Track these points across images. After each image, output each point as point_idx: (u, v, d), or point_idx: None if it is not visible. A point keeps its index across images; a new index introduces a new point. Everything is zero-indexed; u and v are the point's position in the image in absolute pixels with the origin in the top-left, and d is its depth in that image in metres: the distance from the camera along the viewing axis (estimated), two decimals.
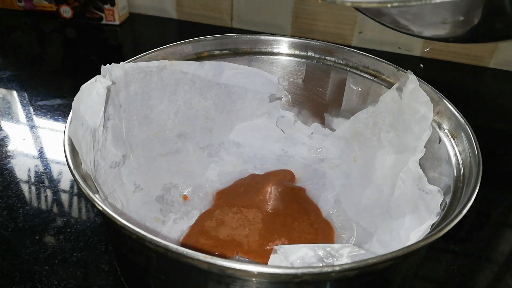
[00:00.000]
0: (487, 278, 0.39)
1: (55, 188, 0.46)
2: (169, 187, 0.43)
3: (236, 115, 0.48)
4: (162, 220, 0.41)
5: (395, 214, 0.38)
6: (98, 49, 0.76)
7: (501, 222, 0.45)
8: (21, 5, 0.82)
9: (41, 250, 0.39)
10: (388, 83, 0.43)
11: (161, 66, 0.41)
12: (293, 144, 0.49)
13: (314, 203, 0.43)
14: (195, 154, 0.46)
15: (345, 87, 0.46)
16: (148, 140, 0.43)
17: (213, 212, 0.42)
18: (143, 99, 0.41)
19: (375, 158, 0.42)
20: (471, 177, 0.32)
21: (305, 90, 0.48)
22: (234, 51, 0.46)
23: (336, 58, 0.46)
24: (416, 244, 0.25)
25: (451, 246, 0.42)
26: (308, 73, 0.47)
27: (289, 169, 0.47)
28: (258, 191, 0.43)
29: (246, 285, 0.25)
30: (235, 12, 0.80)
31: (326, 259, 0.27)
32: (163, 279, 0.30)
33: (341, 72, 0.46)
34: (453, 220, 0.27)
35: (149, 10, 0.85)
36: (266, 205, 0.42)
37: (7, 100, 0.60)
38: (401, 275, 0.32)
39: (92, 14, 0.79)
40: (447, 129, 0.37)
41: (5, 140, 0.53)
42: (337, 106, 0.47)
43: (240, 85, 0.46)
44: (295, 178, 0.46)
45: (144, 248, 0.27)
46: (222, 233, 0.39)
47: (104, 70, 0.37)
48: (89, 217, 0.43)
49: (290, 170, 0.47)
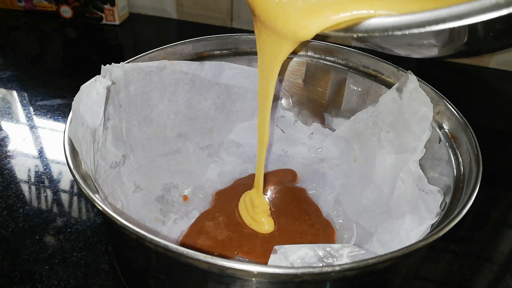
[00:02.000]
0: (487, 278, 0.39)
1: (55, 188, 0.46)
2: (169, 187, 0.43)
3: (236, 115, 0.48)
4: (162, 220, 0.41)
5: (395, 214, 0.38)
6: (98, 49, 0.76)
7: (501, 222, 0.45)
8: (21, 5, 0.82)
9: (41, 250, 0.39)
10: (388, 83, 0.43)
11: (161, 66, 0.41)
12: (293, 144, 0.49)
13: (314, 203, 0.43)
14: (195, 154, 0.46)
15: (345, 87, 0.46)
16: (148, 140, 0.43)
17: (213, 212, 0.42)
18: (143, 99, 0.41)
19: (375, 158, 0.42)
20: (471, 177, 0.32)
21: (305, 90, 0.48)
22: (234, 51, 0.46)
23: (336, 58, 0.46)
24: (416, 244, 0.25)
25: (451, 246, 0.42)
26: (308, 73, 0.47)
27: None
28: None
29: (246, 285, 0.25)
30: (235, 12, 0.80)
31: (326, 259, 0.27)
32: (163, 279, 0.30)
33: (341, 72, 0.46)
34: (453, 220, 0.27)
35: (149, 10, 0.85)
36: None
37: (7, 100, 0.60)
38: (401, 275, 0.32)
39: (92, 14, 0.79)
40: (447, 129, 0.37)
41: (5, 140, 0.53)
42: (337, 106, 0.47)
43: (240, 85, 0.46)
44: (297, 177, 0.46)
45: (144, 248, 0.27)
46: (221, 233, 0.39)
47: (104, 70, 0.37)
48: (89, 217, 0.43)
49: (292, 169, 0.47)
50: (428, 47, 0.23)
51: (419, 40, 0.22)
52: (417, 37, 0.22)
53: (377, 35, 0.21)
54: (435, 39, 0.22)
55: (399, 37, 0.20)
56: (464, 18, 0.18)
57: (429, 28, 0.19)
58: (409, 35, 0.20)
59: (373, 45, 0.26)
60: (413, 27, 0.20)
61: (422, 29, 0.19)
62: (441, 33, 0.20)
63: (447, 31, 0.20)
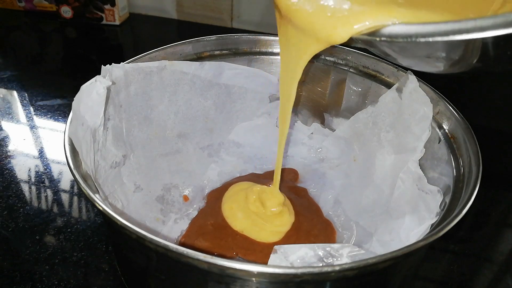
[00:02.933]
0: (487, 278, 0.39)
1: (55, 188, 0.46)
2: (170, 187, 0.44)
3: (236, 115, 0.48)
4: (163, 220, 0.41)
5: (395, 214, 0.38)
6: (98, 49, 0.76)
7: (501, 222, 0.45)
8: (21, 5, 0.82)
9: (41, 250, 0.39)
10: (388, 83, 0.43)
11: (161, 66, 0.41)
12: (293, 144, 0.49)
13: (315, 203, 0.43)
14: (195, 154, 0.46)
15: (345, 87, 0.46)
16: (149, 140, 0.43)
17: (210, 212, 0.41)
18: (144, 99, 0.41)
19: (375, 158, 0.42)
20: (471, 177, 0.32)
21: (305, 90, 0.48)
22: (234, 51, 0.46)
23: (336, 58, 0.46)
24: (416, 244, 0.25)
25: (451, 246, 0.42)
26: (308, 73, 0.47)
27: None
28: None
29: (246, 285, 0.25)
30: (235, 12, 0.80)
31: (326, 259, 0.27)
32: (163, 279, 0.30)
33: (341, 72, 0.46)
34: (453, 220, 0.27)
35: (149, 10, 0.85)
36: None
37: (7, 100, 0.60)
38: (401, 275, 0.32)
39: (92, 14, 0.79)
40: (447, 129, 0.37)
41: (6, 140, 0.53)
42: (337, 106, 0.47)
43: (240, 85, 0.46)
44: (299, 176, 0.46)
45: (144, 248, 0.27)
46: (221, 233, 0.39)
47: (104, 70, 0.37)
48: (89, 217, 0.43)
49: (294, 169, 0.47)
50: (442, 60, 0.24)
51: (436, 51, 0.23)
52: (436, 48, 0.22)
53: (400, 40, 0.22)
54: (452, 52, 0.23)
55: (420, 44, 0.21)
56: (488, 30, 0.19)
57: (452, 38, 0.20)
58: (430, 44, 0.21)
59: (380, 51, 0.27)
60: (437, 35, 0.20)
61: (445, 37, 0.20)
62: (460, 45, 0.21)
63: (467, 44, 0.21)
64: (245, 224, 0.39)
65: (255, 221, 0.39)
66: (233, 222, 0.39)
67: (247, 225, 0.39)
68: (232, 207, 0.40)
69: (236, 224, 0.39)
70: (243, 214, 0.39)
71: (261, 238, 0.38)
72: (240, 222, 0.39)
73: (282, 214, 0.40)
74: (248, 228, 0.39)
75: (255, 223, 0.39)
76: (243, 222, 0.39)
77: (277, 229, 0.39)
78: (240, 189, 0.42)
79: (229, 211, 0.40)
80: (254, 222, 0.39)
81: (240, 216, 0.39)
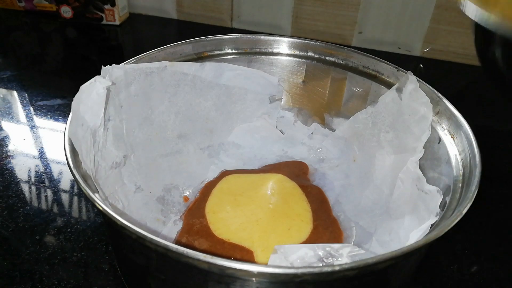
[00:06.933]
0: (487, 278, 0.39)
1: (55, 188, 0.46)
2: (170, 187, 0.44)
3: (236, 116, 0.48)
4: (163, 221, 0.41)
5: (395, 214, 0.38)
6: (98, 49, 0.76)
7: (501, 222, 0.46)
8: (21, 5, 0.82)
9: (41, 250, 0.39)
10: (388, 84, 0.43)
11: (161, 67, 0.41)
12: (293, 144, 0.49)
13: (327, 201, 0.42)
14: (196, 155, 0.46)
15: (345, 87, 0.46)
16: (149, 140, 0.43)
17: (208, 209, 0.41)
18: (144, 100, 0.41)
19: (375, 158, 0.42)
20: (471, 177, 0.32)
21: (305, 90, 0.48)
22: (234, 52, 0.47)
23: (336, 58, 0.46)
24: (416, 244, 0.25)
25: (451, 246, 0.42)
26: (308, 73, 0.47)
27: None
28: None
29: (246, 285, 0.25)
30: (235, 12, 0.80)
31: (326, 259, 0.27)
32: (163, 279, 0.30)
33: (341, 72, 0.46)
34: (453, 220, 0.27)
35: (149, 10, 0.85)
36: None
37: (7, 100, 0.60)
38: (401, 275, 0.32)
39: (92, 14, 0.80)
40: (446, 129, 0.37)
41: (6, 140, 0.53)
42: (337, 106, 0.47)
43: (240, 86, 0.46)
44: (309, 170, 0.46)
45: (144, 248, 0.27)
46: (220, 233, 0.39)
47: (104, 71, 0.37)
48: (89, 217, 0.43)
49: (303, 162, 0.46)
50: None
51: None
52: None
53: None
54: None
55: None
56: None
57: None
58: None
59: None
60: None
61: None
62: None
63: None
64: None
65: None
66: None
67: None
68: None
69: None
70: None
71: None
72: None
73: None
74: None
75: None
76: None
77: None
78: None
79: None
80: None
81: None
